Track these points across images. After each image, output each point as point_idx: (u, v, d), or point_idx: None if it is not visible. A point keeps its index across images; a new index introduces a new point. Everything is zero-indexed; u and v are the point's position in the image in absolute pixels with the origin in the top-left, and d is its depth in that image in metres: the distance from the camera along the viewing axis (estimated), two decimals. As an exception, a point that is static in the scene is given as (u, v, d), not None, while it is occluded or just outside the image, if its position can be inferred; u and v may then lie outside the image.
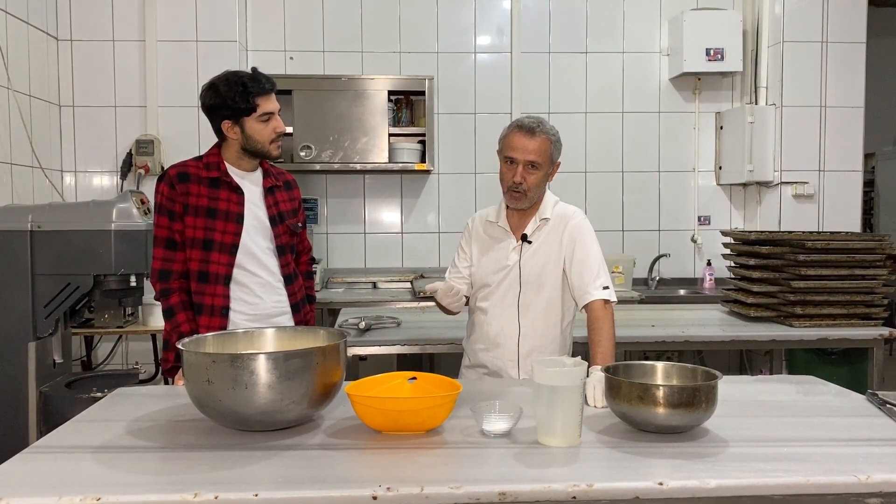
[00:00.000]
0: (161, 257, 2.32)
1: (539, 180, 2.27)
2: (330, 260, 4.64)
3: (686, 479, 1.34)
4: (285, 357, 1.57)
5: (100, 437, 1.60)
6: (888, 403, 1.81)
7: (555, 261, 2.33)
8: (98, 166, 4.26)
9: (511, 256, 2.35)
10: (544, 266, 2.33)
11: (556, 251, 2.33)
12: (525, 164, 2.24)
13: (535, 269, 2.33)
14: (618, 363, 1.80)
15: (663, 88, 4.74)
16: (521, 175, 2.24)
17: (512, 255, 2.35)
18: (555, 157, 2.30)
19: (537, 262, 2.33)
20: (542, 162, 2.25)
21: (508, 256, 2.36)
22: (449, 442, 1.57)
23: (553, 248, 2.34)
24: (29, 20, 3.81)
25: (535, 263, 2.33)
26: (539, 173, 2.26)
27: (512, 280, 2.34)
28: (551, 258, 2.33)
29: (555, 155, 2.29)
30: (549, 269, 2.33)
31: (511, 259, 2.35)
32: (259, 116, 2.29)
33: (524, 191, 2.26)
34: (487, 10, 4.66)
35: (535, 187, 2.28)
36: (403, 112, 4.47)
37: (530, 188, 2.26)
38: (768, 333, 3.07)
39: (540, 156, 2.24)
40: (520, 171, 2.24)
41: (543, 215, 2.35)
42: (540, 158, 2.24)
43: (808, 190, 4.39)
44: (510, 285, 2.35)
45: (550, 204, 2.38)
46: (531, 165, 2.24)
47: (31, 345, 2.92)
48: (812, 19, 4.36)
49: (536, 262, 2.33)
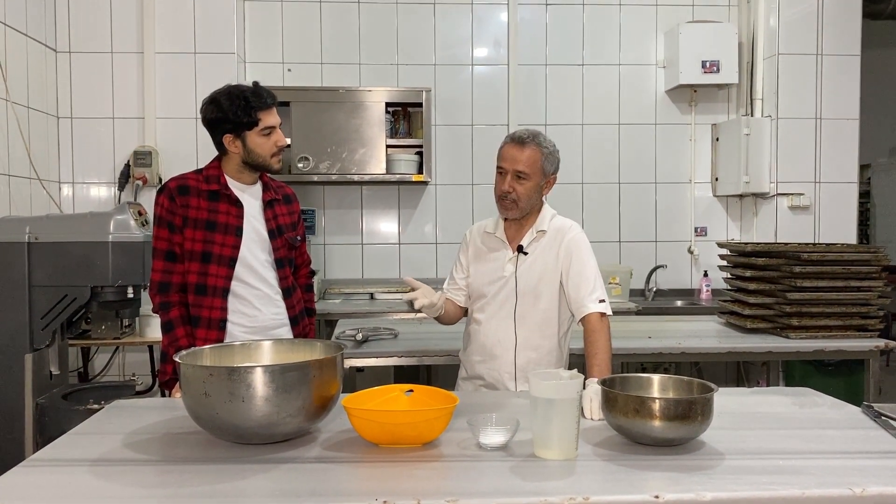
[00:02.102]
0: (161, 269, 2.33)
1: (529, 191, 2.29)
2: (327, 271, 4.64)
3: (682, 492, 1.35)
4: (282, 370, 1.57)
5: (96, 450, 1.60)
6: (883, 416, 1.82)
7: (551, 272, 2.34)
8: (96, 178, 4.27)
9: (507, 267, 2.37)
10: (540, 277, 2.34)
11: (553, 263, 2.34)
12: (513, 174, 2.27)
13: (532, 280, 2.34)
14: (614, 376, 1.81)
15: (659, 100, 4.76)
16: (510, 184, 2.28)
17: (508, 265, 2.37)
18: (547, 169, 2.31)
19: (534, 273, 2.34)
20: (530, 173, 2.27)
21: (504, 267, 2.37)
22: (445, 455, 1.58)
23: (549, 260, 2.35)
24: (28, 32, 3.83)
25: (532, 275, 2.34)
26: (528, 183, 2.28)
27: (508, 291, 2.35)
28: (548, 270, 2.34)
29: (547, 167, 2.31)
30: (546, 281, 2.34)
31: (507, 270, 2.36)
32: (261, 130, 2.30)
33: (514, 200, 2.29)
34: (484, 22, 4.68)
35: (526, 197, 2.29)
36: (401, 123, 4.49)
37: (520, 198, 2.29)
38: (765, 345, 3.08)
39: (529, 166, 2.26)
40: (508, 181, 2.28)
41: (540, 227, 2.37)
42: (528, 169, 2.26)
43: (804, 201, 4.40)
44: (507, 296, 2.36)
45: (548, 217, 2.40)
46: (519, 175, 2.27)
47: (27, 356, 2.92)
48: (807, 32, 4.39)
49: (533, 274, 2.34)
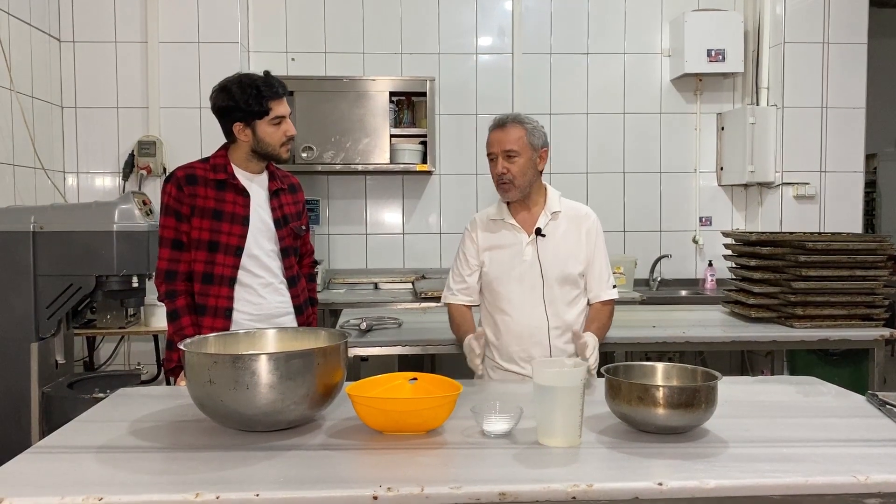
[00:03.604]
0: (167, 258, 2.33)
1: (522, 168, 2.30)
2: (331, 261, 4.64)
3: (685, 479, 1.35)
4: (287, 358, 1.57)
5: (102, 438, 1.61)
6: (888, 404, 1.82)
7: (576, 256, 2.37)
8: (100, 167, 4.28)
9: (527, 251, 2.36)
10: (566, 261, 2.36)
11: (576, 247, 2.37)
12: (503, 155, 2.30)
13: (558, 263, 2.35)
14: (618, 364, 1.80)
15: (664, 89, 4.74)
16: (503, 166, 2.30)
17: (527, 249, 2.36)
18: (534, 143, 2.32)
19: (559, 256, 2.35)
20: (518, 149, 2.29)
21: (524, 251, 2.36)
22: (449, 442, 1.58)
23: (571, 243, 2.37)
24: (31, 22, 3.83)
25: (557, 258, 2.35)
26: (520, 160, 2.29)
27: (534, 276, 2.35)
28: (572, 253, 2.37)
29: (534, 141, 2.32)
30: (571, 264, 2.36)
31: (527, 254, 2.35)
32: (271, 119, 2.32)
33: (510, 180, 2.31)
34: (489, 11, 4.66)
35: (521, 174, 2.31)
36: (405, 113, 4.48)
37: (515, 176, 2.30)
38: (769, 334, 3.07)
39: (515, 143, 2.29)
40: (500, 163, 2.30)
41: (553, 209, 2.38)
42: (515, 146, 2.29)
43: (810, 191, 4.39)
44: (533, 281, 2.35)
45: (556, 197, 2.41)
46: (509, 154, 2.29)
47: (33, 345, 2.93)
48: (813, 20, 4.35)
49: (558, 257, 2.35)
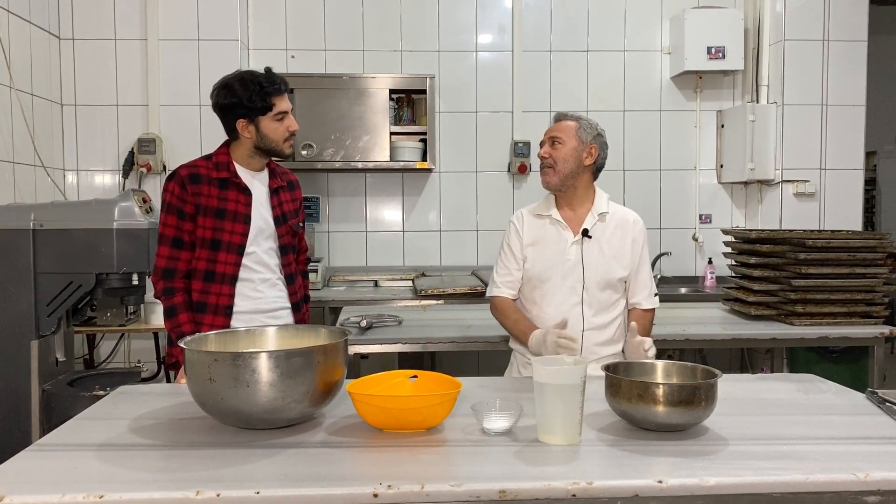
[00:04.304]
0: (167, 255, 2.33)
1: (565, 155, 2.35)
2: (331, 258, 4.64)
3: (685, 477, 1.35)
4: (287, 355, 1.57)
5: (102, 435, 1.61)
6: (888, 402, 1.82)
7: (621, 263, 2.37)
8: (100, 165, 4.27)
9: (571, 251, 2.36)
10: (609, 265, 2.36)
11: (621, 253, 2.37)
12: (549, 141, 2.39)
13: (602, 266, 2.35)
14: (618, 362, 1.81)
15: (664, 87, 4.73)
16: (546, 150, 2.39)
17: (572, 249, 2.36)
18: (583, 136, 2.37)
19: (603, 260, 2.36)
20: (565, 138, 2.36)
21: (567, 251, 2.36)
22: (449, 440, 1.58)
23: (617, 248, 2.38)
24: (31, 19, 3.82)
25: (602, 262, 2.36)
26: (564, 148, 2.36)
27: (576, 277, 2.35)
28: (617, 259, 2.37)
29: (583, 135, 2.37)
30: (615, 269, 2.36)
31: (571, 253, 2.36)
32: (274, 115, 2.33)
33: (551, 165, 2.37)
34: (488, 8, 4.65)
35: (563, 161, 2.36)
36: (405, 110, 4.47)
37: (556, 161, 2.36)
38: (769, 332, 3.08)
39: (562, 132, 2.37)
40: (545, 148, 2.39)
41: (601, 210, 2.39)
42: (562, 135, 2.37)
43: (810, 188, 4.38)
44: (574, 282, 2.35)
45: (604, 199, 2.43)
46: (554, 140, 2.37)
47: (33, 343, 2.93)
48: (813, 17, 4.35)
49: (602, 261, 2.36)
